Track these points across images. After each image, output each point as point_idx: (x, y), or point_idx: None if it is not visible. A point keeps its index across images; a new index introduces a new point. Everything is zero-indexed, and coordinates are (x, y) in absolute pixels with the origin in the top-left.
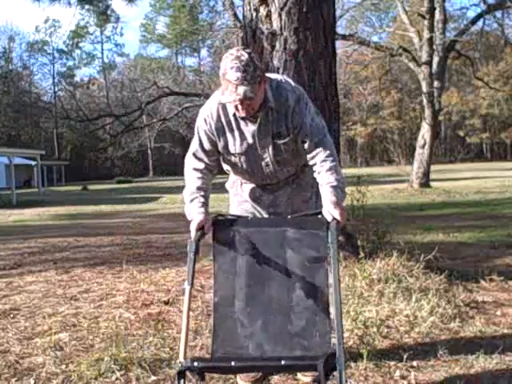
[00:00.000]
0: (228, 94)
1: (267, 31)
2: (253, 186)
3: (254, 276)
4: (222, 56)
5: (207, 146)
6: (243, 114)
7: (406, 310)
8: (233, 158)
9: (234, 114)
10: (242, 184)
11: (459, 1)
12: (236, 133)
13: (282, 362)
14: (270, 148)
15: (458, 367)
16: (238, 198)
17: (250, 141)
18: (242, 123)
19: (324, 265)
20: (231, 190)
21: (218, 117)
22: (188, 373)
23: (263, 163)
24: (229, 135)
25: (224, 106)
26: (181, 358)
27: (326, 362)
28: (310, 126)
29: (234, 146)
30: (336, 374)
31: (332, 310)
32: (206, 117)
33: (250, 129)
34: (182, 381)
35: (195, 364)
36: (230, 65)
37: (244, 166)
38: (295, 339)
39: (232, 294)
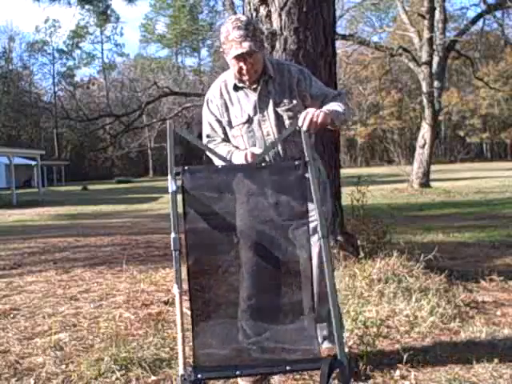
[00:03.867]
0: (234, 51)
1: (267, 31)
2: None
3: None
4: (221, 56)
5: (216, 125)
6: (246, 77)
7: (406, 310)
8: (235, 133)
9: (235, 87)
10: None
11: (459, 1)
12: (237, 106)
13: (287, 368)
14: (273, 118)
15: (458, 367)
16: None
17: (251, 113)
18: (242, 95)
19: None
20: None
21: (221, 94)
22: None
23: (265, 137)
24: (231, 109)
25: (225, 84)
26: (181, 371)
27: (330, 364)
28: (316, 84)
29: (236, 118)
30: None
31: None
32: (209, 97)
33: (250, 99)
34: None
35: (199, 376)
36: (232, 26)
37: (245, 139)
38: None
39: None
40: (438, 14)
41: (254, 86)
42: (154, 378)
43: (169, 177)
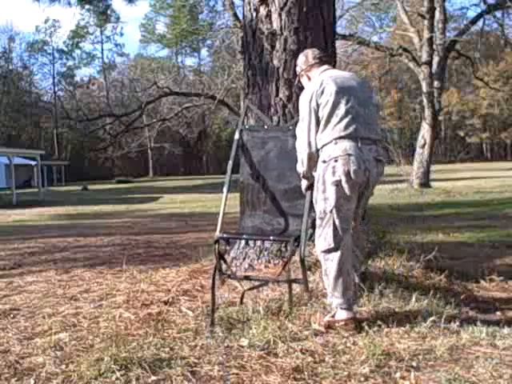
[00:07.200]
0: None
1: (267, 31)
2: None
3: (268, 168)
4: (221, 56)
5: None
6: None
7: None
8: None
9: None
10: None
11: (459, 1)
12: None
13: (271, 238)
14: None
15: (458, 367)
16: None
17: None
18: None
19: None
20: None
21: None
22: None
23: None
24: None
25: None
26: (217, 232)
27: (295, 240)
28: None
29: None
30: None
31: None
32: None
33: None
34: (216, 245)
35: (224, 235)
36: None
37: None
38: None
39: (254, 178)
40: (438, 14)
41: None
42: (153, 377)
43: (236, 131)
